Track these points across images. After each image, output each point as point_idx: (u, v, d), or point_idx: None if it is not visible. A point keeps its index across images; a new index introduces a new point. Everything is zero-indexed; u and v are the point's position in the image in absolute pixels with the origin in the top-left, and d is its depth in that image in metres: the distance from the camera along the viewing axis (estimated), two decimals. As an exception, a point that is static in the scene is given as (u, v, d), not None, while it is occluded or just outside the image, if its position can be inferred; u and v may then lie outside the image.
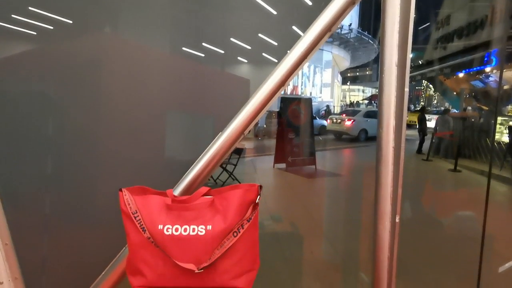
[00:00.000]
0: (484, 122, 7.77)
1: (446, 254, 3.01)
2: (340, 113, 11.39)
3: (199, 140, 1.67)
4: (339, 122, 10.28)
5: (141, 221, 1.10)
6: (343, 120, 10.10)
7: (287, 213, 3.78)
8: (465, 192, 5.24)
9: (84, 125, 1.71)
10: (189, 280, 1.08)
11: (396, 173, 1.50)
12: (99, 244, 1.68)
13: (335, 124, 10.44)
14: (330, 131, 10.60)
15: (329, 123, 10.67)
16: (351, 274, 2.64)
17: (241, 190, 1.12)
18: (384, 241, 1.51)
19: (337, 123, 10.35)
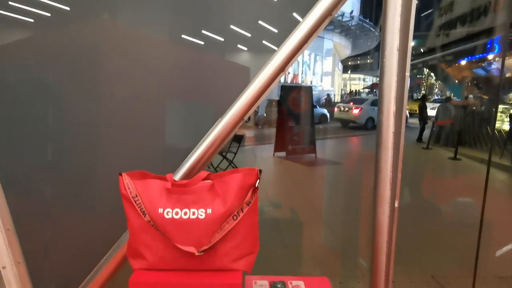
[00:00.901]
0: (485, 110, 7.74)
1: (445, 240, 3.04)
2: (347, 101, 11.33)
3: (199, 127, 1.66)
4: (347, 110, 10.25)
5: (141, 205, 1.10)
6: (351, 108, 10.07)
7: (287, 201, 3.81)
8: (464, 180, 5.26)
9: (83, 112, 1.70)
10: (189, 262, 1.09)
11: (395, 158, 1.50)
12: (101, 229, 1.70)
13: (343, 112, 10.42)
14: (337, 119, 10.57)
15: (336, 111, 10.65)
16: (350, 260, 2.67)
17: (241, 174, 1.12)
18: (383, 225, 1.52)
19: (345, 111, 10.33)
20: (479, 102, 8.31)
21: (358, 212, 3.34)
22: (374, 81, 26.48)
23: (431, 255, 2.80)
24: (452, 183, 4.99)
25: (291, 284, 1.38)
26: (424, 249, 2.88)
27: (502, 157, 5.95)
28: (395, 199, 1.52)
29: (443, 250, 2.88)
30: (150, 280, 1.07)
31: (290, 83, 18.05)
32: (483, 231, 2.10)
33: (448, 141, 7.43)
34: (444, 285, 2.38)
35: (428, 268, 2.58)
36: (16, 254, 1.64)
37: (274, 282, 1.39)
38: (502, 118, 7.08)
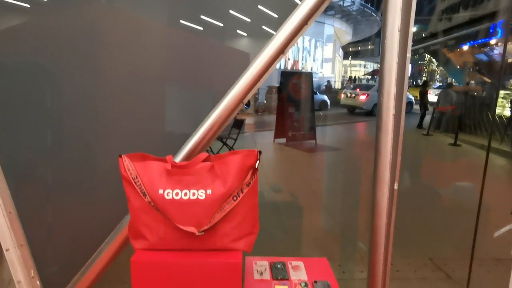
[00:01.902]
0: (487, 96, 7.70)
1: (443, 223, 3.07)
2: (354, 87, 11.25)
3: (198, 113, 1.65)
4: (353, 96, 10.20)
5: (142, 186, 1.11)
6: (357, 94, 10.02)
7: (286, 186, 3.83)
8: (463, 165, 5.28)
9: (82, 96, 1.70)
10: (190, 242, 1.10)
11: (395, 141, 1.49)
12: (102, 211, 1.71)
13: (349, 98, 10.38)
14: (344, 105, 10.52)
15: (343, 97, 10.60)
16: (349, 243, 2.71)
17: (241, 156, 1.12)
18: (382, 207, 1.53)
19: (351, 98, 10.28)
20: (481, 88, 8.25)
21: (357, 197, 3.36)
22: (375, 68, 26.22)
23: (429, 238, 2.83)
24: (451, 169, 5.01)
25: (290, 264, 1.41)
26: (423, 232, 2.91)
27: (502, 142, 5.95)
28: (394, 181, 1.53)
29: (441, 233, 2.91)
30: (152, 260, 1.08)
31: (290, 70, 17.87)
32: (481, 215, 2.12)
33: (448, 127, 7.42)
34: (442, 267, 2.42)
35: (426, 250, 2.62)
36: (18, 237, 1.66)
37: (274, 262, 1.41)
38: (503, 104, 7.05)
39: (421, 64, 17.21)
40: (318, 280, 1.28)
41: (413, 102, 9.71)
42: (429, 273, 2.34)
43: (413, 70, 16.52)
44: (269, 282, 1.28)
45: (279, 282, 1.27)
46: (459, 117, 7.25)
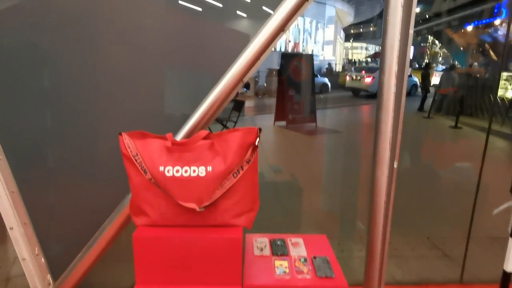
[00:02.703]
0: (489, 78, 7.62)
1: (441, 203, 3.11)
2: (359, 69, 11.11)
3: (197, 95, 1.64)
4: (359, 79, 10.08)
5: (142, 163, 1.11)
6: (363, 77, 9.90)
7: (286, 168, 3.85)
8: (462, 147, 5.29)
9: (81, 76, 1.68)
10: (191, 218, 1.12)
11: (396, 120, 1.49)
12: (104, 191, 1.73)
13: (355, 81, 10.26)
14: (349, 88, 10.41)
15: (348, 80, 10.48)
16: (348, 223, 2.75)
17: (241, 133, 1.12)
18: (381, 186, 1.54)
19: (357, 80, 10.16)
20: (484, 70, 8.15)
21: (357, 179, 3.38)
22: (377, 50, 25.84)
23: (427, 218, 2.87)
24: (450, 151, 5.02)
25: (290, 241, 1.43)
26: (421, 212, 2.95)
27: (503, 125, 5.94)
28: (394, 160, 1.53)
29: (440, 213, 2.95)
30: (153, 235, 1.10)
31: (291, 52, 17.62)
32: (480, 195, 2.14)
33: (449, 109, 7.37)
34: (439, 245, 2.47)
35: (424, 230, 2.66)
36: (22, 216, 1.68)
37: (274, 239, 1.44)
38: (505, 86, 6.98)
39: (424, 46, 16.95)
40: (317, 255, 1.31)
41: (417, 84, 9.61)
42: (427, 252, 2.39)
43: (415, 53, 16.27)
44: (269, 258, 1.31)
45: (279, 258, 1.30)
46: (461, 99, 7.20)
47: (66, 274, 1.65)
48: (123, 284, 1.87)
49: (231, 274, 1.11)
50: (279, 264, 1.25)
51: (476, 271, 2.13)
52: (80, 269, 1.64)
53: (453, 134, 6.25)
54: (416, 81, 9.64)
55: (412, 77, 9.70)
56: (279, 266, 1.24)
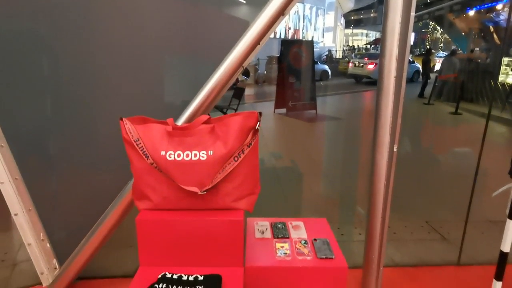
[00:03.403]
0: (490, 63, 7.55)
1: (440, 188, 3.13)
2: (361, 56, 10.99)
3: (197, 82, 1.63)
4: (362, 65, 9.98)
5: (144, 148, 1.12)
6: (366, 63, 9.80)
7: (287, 155, 3.87)
8: (462, 133, 5.29)
9: (80, 66, 1.67)
10: (192, 202, 1.14)
11: (396, 103, 1.49)
12: (107, 177, 1.74)
13: (357, 67, 10.15)
14: (352, 75, 10.32)
15: (351, 66, 10.37)
16: (348, 208, 2.78)
17: (241, 117, 1.13)
18: (381, 169, 1.56)
19: (359, 67, 10.05)
20: (485, 55, 8.07)
21: (356, 165, 3.40)
22: (377, 37, 25.51)
23: (426, 203, 2.90)
24: (449, 136, 5.03)
25: (291, 224, 1.45)
26: (420, 197, 2.98)
27: (503, 111, 5.93)
28: (394, 143, 1.54)
29: (439, 197, 2.98)
30: (156, 218, 1.12)
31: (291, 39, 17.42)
32: (478, 179, 2.15)
33: (450, 96, 7.34)
34: (437, 229, 2.50)
35: (423, 214, 2.69)
36: (26, 202, 1.70)
37: (275, 222, 1.46)
38: (506, 72, 6.93)
39: (425, 32, 16.73)
40: (317, 238, 1.33)
41: (420, 70, 9.53)
42: (425, 235, 2.42)
43: (416, 39, 16.07)
44: (270, 240, 1.33)
45: (280, 240, 1.32)
46: (461, 85, 7.16)
47: (71, 258, 1.68)
48: (127, 269, 1.90)
49: (233, 255, 1.13)
50: (280, 246, 1.28)
51: (474, 253, 2.17)
52: (85, 254, 1.67)
53: (453, 120, 6.25)
54: (418, 67, 9.54)
55: (414, 64, 9.62)
56: (280, 248, 1.26)
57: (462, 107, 6.53)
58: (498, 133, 4.97)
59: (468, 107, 6.62)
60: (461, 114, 6.38)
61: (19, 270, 1.95)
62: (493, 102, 5.96)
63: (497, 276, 1.36)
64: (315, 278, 1.19)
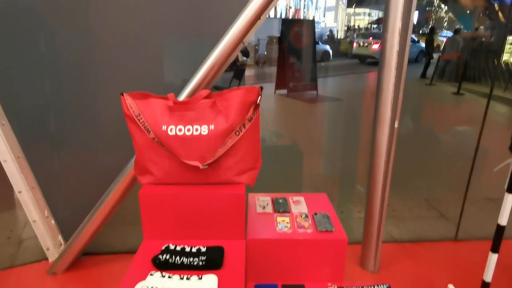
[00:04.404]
0: (494, 42, 7.43)
1: (440, 166, 3.15)
2: (366, 36, 10.77)
3: (197, 60, 1.61)
4: (366, 45, 9.79)
5: (145, 123, 1.12)
6: (370, 43, 9.60)
7: (288, 135, 3.87)
8: (463, 112, 5.27)
9: (79, 44, 1.65)
10: (194, 176, 1.15)
11: (398, 78, 1.48)
12: (110, 155, 1.75)
13: (362, 47, 9.94)
14: (356, 55, 10.15)
15: (355, 46, 10.17)
16: (348, 186, 2.80)
17: (242, 91, 1.12)
18: (382, 145, 1.56)
19: (364, 47, 9.86)
20: (490, 33, 7.93)
21: (357, 145, 3.40)
22: (380, 16, 24.92)
23: (426, 181, 2.92)
24: (450, 116, 5.01)
25: (292, 199, 1.47)
26: (420, 176, 3.00)
27: (506, 90, 5.87)
28: (395, 119, 1.54)
29: (438, 176, 3.00)
30: (158, 192, 1.13)
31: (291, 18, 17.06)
32: (478, 158, 2.16)
33: (452, 76, 7.25)
34: (436, 206, 2.53)
35: (423, 192, 2.72)
36: (29, 180, 1.72)
37: (276, 198, 1.48)
38: (511, 50, 6.81)
39: (429, 11, 16.33)
40: (318, 212, 1.35)
41: (423, 49, 9.36)
42: (424, 212, 2.45)
43: (419, 18, 15.71)
44: (271, 214, 1.35)
45: (281, 215, 1.34)
46: (464, 65, 7.06)
47: (76, 234, 1.72)
48: (131, 245, 1.94)
49: (235, 228, 1.16)
50: (281, 220, 1.30)
51: (471, 229, 2.20)
52: (89, 230, 1.70)
53: (455, 100, 6.20)
54: (423, 47, 9.38)
55: (419, 43, 9.45)
56: (281, 222, 1.29)
57: (465, 87, 6.46)
58: (499, 113, 4.95)
59: (471, 87, 6.55)
60: (463, 95, 6.32)
61: (25, 247, 1.99)
62: (496, 82, 5.90)
63: (493, 249, 1.39)
64: (315, 251, 1.22)
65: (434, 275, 1.80)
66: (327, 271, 1.25)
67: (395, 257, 1.94)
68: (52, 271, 1.78)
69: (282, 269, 1.24)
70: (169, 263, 1.01)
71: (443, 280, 1.76)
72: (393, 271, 1.83)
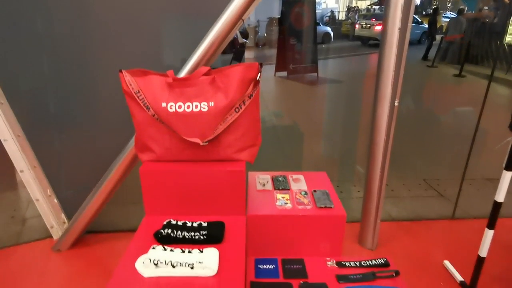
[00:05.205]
0: (498, 23, 7.29)
1: (440, 147, 3.16)
2: (370, 17, 10.56)
3: (196, 39, 1.59)
4: (369, 27, 9.60)
5: (144, 99, 1.12)
6: (373, 25, 9.42)
7: (288, 117, 3.87)
8: (463, 95, 5.24)
9: (77, 23, 1.63)
10: (195, 153, 1.15)
11: (399, 56, 1.46)
12: (110, 134, 1.76)
13: (364, 29, 9.76)
14: (358, 37, 9.97)
15: (358, 28, 9.98)
16: (348, 167, 2.83)
17: (242, 68, 1.11)
18: (382, 124, 1.56)
19: (366, 28, 9.67)
20: (493, 14, 7.78)
21: (357, 126, 3.41)
22: (383, -3, 24.34)
23: (425, 162, 2.95)
24: (450, 98, 4.99)
25: (291, 177, 1.49)
26: (420, 156, 3.02)
27: (508, 72, 5.81)
28: (395, 98, 1.53)
29: (438, 156, 3.02)
30: (159, 169, 1.14)
31: (292, 0, 16.69)
32: (478, 139, 2.16)
33: (455, 57, 7.16)
34: (434, 186, 2.56)
35: (422, 172, 2.74)
36: (31, 159, 1.73)
37: (276, 176, 1.49)
38: (515, 31, 6.69)
39: (433, -9, 15.96)
40: (317, 189, 1.37)
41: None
42: (422, 192, 2.48)
43: (423, -2, 15.35)
44: (271, 192, 1.37)
45: (281, 192, 1.36)
46: (467, 46, 6.96)
47: (79, 212, 1.74)
48: (133, 223, 1.97)
49: (235, 205, 1.17)
50: (281, 197, 1.31)
51: (468, 208, 2.23)
52: (91, 208, 1.72)
53: (456, 82, 6.16)
54: (426, 28, 9.20)
55: (422, 24, 9.28)
56: (280, 198, 1.30)
57: (467, 70, 6.40)
58: (501, 95, 4.93)
59: (473, 69, 6.48)
60: (465, 77, 6.27)
61: (29, 225, 2.03)
62: (498, 64, 5.84)
63: (490, 225, 1.41)
64: (314, 226, 1.24)
65: (431, 252, 1.84)
66: (326, 246, 1.27)
67: (392, 235, 1.98)
68: (56, 248, 1.81)
69: (282, 245, 1.27)
70: (170, 237, 1.03)
71: (439, 256, 1.80)
72: (391, 248, 1.86)
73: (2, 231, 1.98)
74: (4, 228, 2.00)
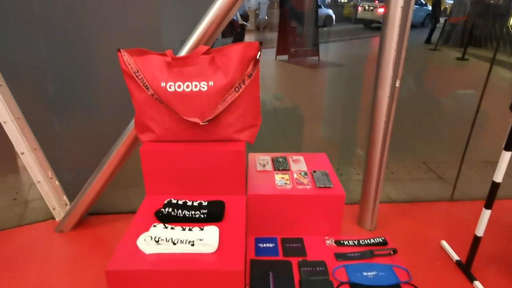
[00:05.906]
0: (502, 5, 7.14)
1: (440, 130, 3.15)
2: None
3: (195, 20, 1.56)
4: (371, 9, 9.42)
5: (143, 79, 1.11)
6: (376, 7, 9.23)
7: (288, 100, 3.85)
8: (465, 78, 5.19)
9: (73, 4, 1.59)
10: (195, 133, 1.15)
11: (401, 36, 1.44)
12: (109, 115, 1.76)
13: (367, 11, 9.57)
14: (360, 20, 9.79)
15: (360, 10, 9.79)
16: (348, 150, 2.83)
17: (241, 46, 1.10)
18: (382, 105, 1.56)
19: (369, 11, 9.49)
20: (498, -6, 7.60)
21: (357, 110, 3.39)
22: (386, -22, 23.71)
23: (425, 145, 2.95)
24: (452, 82, 4.94)
25: (291, 158, 1.49)
26: (419, 139, 3.01)
27: (511, 55, 5.73)
28: (396, 79, 1.52)
29: (437, 139, 3.01)
30: (159, 149, 1.14)
31: (293, -19, 16.31)
32: (478, 123, 2.15)
33: (458, 40, 7.05)
34: (434, 169, 2.57)
35: (421, 155, 2.75)
36: (31, 141, 1.73)
37: (276, 157, 1.50)
38: (520, 13, 6.55)
39: (437, -28, 15.55)
40: (317, 170, 1.37)
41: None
42: (422, 175, 2.49)
43: (427, -20, 15.01)
44: (271, 172, 1.37)
45: (281, 172, 1.36)
46: (470, 29, 6.84)
47: (81, 194, 1.76)
48: (133, 206, 1.99)
49: (235, 184, 1.18)
50: (281, 177, 1.32)
51: (467, 190, 2.25)
52: (93, 190, 1.74)
53: (458, 65, 6.08)
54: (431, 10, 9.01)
55: (427, 6, 9.11)
56: (280, 179, 1.31)
57: (470, 53, 6.30)
58: (503, 78, 4.88)
59: (477, 52, 6.39)
60: (468, 60, 6.19)
61: (31, 207, 2.05)
62: (502, 46, 5.75)
63: (487, 205, 1.43)
64: (313, 206, 1.25)
65: (428, 233, 1.86)
66: (325, 226, 1.29)
67: (391, 216, 2.00)
68: (59, 229, 1.84)
69: (282, 224, 1.29)
70: (171, 216, 1.04)
71: (436, 237, 1.82)
72: (389, 229, 1.89)
73: (5, 214, 2.00)
74: (6, 211, 2.03)
